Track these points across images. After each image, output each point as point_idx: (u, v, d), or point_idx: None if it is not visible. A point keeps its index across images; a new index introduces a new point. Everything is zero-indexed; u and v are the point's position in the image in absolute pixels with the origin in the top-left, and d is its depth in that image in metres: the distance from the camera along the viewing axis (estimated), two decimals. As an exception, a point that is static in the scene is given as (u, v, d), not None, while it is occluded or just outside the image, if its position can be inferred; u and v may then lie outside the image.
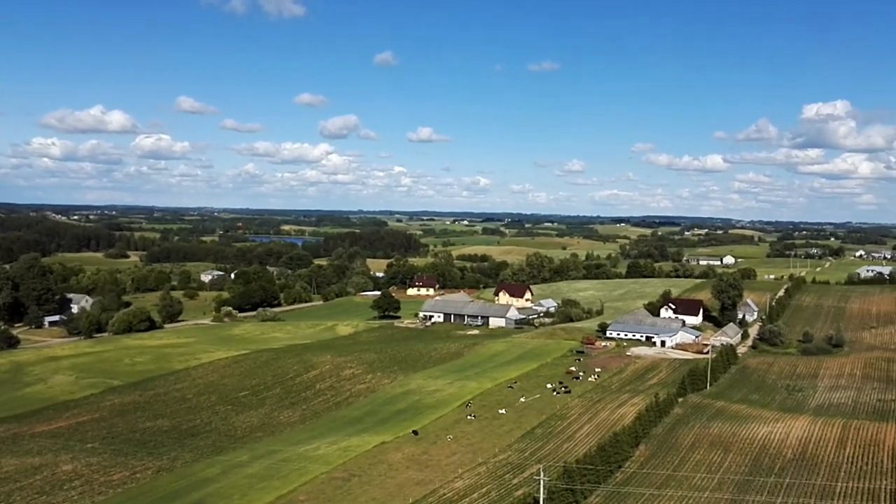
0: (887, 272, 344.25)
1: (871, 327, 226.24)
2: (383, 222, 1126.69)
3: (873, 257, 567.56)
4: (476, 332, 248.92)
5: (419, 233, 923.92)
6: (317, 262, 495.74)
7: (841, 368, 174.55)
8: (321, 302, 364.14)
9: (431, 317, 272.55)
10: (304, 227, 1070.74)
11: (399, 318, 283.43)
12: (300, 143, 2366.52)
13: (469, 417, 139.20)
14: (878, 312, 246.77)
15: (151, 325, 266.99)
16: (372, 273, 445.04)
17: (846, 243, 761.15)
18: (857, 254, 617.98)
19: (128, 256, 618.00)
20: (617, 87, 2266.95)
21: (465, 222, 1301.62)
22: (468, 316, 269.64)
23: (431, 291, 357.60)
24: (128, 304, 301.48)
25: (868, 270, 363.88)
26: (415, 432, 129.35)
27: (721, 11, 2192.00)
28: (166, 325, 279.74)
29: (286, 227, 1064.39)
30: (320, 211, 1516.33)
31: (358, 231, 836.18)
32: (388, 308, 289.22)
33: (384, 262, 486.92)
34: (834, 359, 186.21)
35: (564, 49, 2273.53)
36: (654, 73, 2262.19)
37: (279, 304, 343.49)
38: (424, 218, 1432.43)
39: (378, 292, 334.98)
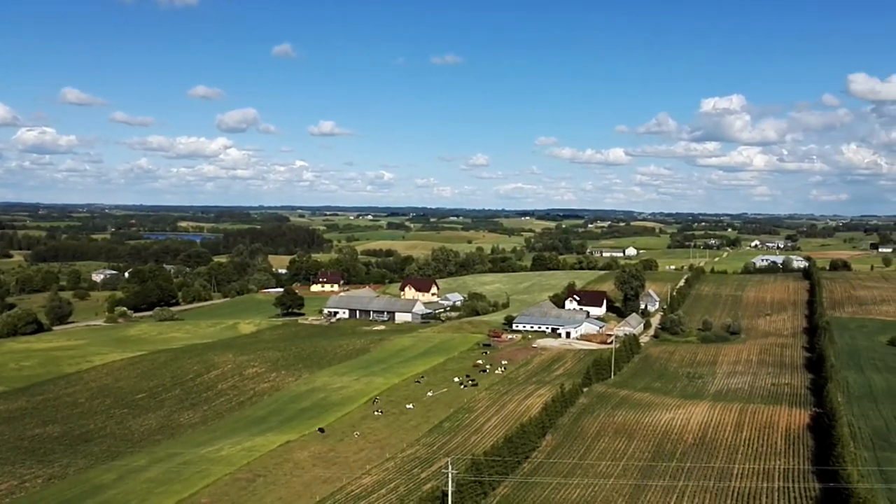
0: (780, 261, 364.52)
1: (765, 315, 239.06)
2: (285, 218, 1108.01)
3: (767, 247, 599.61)
4: (382, 327, 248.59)
5: (322, 228, 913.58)
6: (216, 259, 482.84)
7: (738, 355, 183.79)
8: (222, 300, 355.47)
9: (336, 313, 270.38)
10: (202, 224, 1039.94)
11: (303, 314, 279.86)
12: (196, 137, 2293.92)
13: (376, 413, 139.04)
14: (773, 300, 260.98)
15: (39, 328, 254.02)
16: (274, 270, 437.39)
17: (742, 234, 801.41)
18: (753, 244, 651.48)
19: (11, 256, 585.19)
20: (520, 81, 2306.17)
21: (370, 217, 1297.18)
22: (374, 311, 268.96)
23: (336, 287, 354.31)
24: (12, 306, 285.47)
25: (763, 260, 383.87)
26: (321, 430, 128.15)
27: (620, 5, 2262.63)
28: (55, 328, 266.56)
29: (183, 224, 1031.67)
30: (219, 207, 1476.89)
31: (259, 227, 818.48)
32: (291, 305, 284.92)
33: (287, 259, 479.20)
34: (732, 346, 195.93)
35: (467, 42, 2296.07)
36: (556, 66, 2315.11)
37: (177, 304, 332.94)
38: (328, 213, 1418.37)
39: (281, 289, 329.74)
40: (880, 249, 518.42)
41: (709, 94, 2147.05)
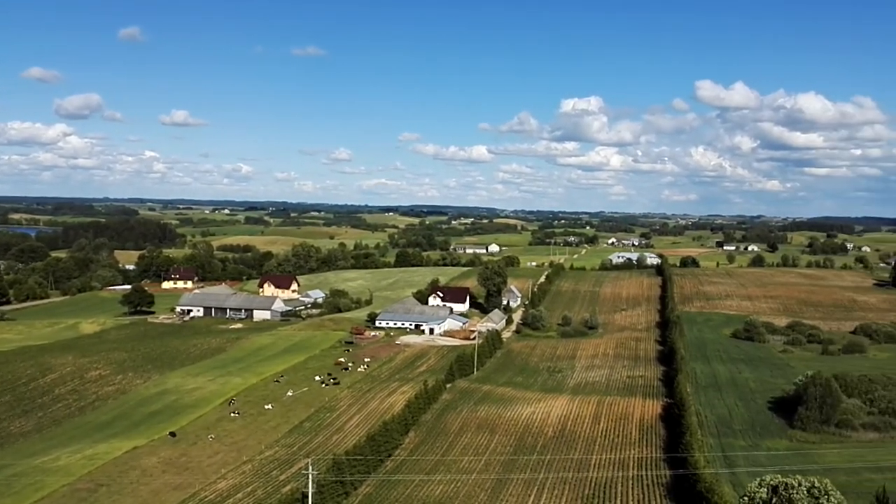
0: (635, 258, 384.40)
1: (621, 310, 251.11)
2: (133, 211, 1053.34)
3: (623, 244, 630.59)
4: (239, 325, 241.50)
5: (175, 222, 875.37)
6: (54, 254, 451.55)
7: (596, 349, 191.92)
8: (61, 298, 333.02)
9: (190, 311, 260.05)
10: (38, 216, 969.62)
11: (153, 313, 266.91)
12: (31, 123, 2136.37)
13: (233, 415, 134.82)
14: (628, 296, 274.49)
15: None
16: (121, 266, 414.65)
17: (600, 231, 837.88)
18: (610, 241, 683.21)
19: None
20: (383, 76, 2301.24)
21: (227, 211, 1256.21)
22: (230, 309, 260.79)
23: (190, 284, 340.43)
24: None
25: (619, 257, 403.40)
26: (172, 434, 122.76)
27: (482, 3, 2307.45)
28: None
29: (16, 216, 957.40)
30: (58, 198, 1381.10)
31: (104, 220, 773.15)
32: (140, 303, 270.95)
33: (135, 254, 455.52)
34: (590, 340, 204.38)
35: (329, 34, 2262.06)
36: (419, 62, 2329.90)
37: (8, 302, 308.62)
38: (181, 206, 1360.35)
39: (129, 286, 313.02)
40: (725, 247, 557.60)
41: (568, 95, 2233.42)
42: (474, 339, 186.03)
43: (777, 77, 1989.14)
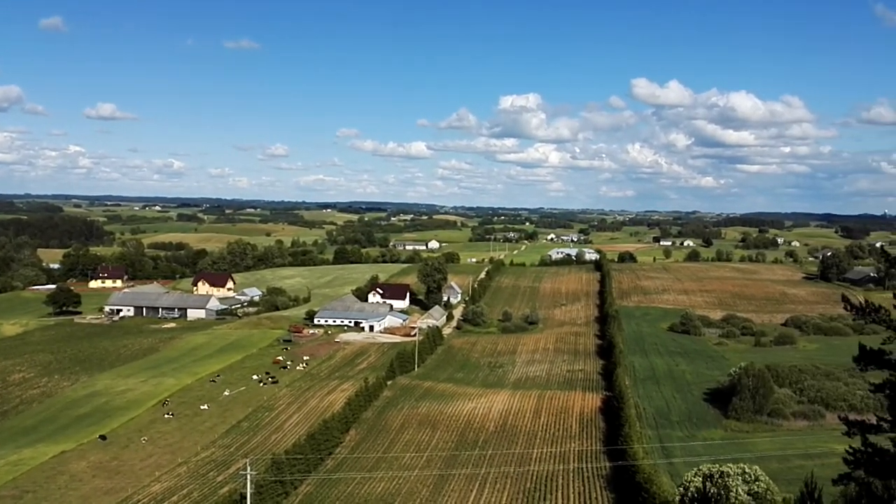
0: (574, 254, 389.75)
1: (561, 305, 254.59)
2: (58, 208, 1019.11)
3: (562, 240, 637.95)
4: (173, 325, 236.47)
5: (103, 219, 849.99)
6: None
7: (536, 344, 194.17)
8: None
9: (120, 311, 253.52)
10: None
11: (80, 313, 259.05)
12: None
13: (167, 416, 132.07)
14: (567, 291, 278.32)
15: None
16: (45, 264, 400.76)
17: (539, 227, 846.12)
18: (549, 237, 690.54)
19: None
20: (320, 71, 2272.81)
21: (158, 208, 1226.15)
22: (163, 308, 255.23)
23: (119, 283, 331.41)
24: None
25: (558, 253, 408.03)
26: (102, 437, 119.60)
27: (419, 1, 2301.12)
28: None
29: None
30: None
31: (26, 217, 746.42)
32: (66, 303, 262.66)
33: (60, 252, 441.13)
34: (530, 335, 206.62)
35: (264, 27, 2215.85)
36: (356, 57, 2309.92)
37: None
38: (109, 203, 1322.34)
39: (53, 286, 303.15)
40: (661, 242, 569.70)
41: (507, 92, 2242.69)
42: (415, 335, 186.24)
43: (710, 76, 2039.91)
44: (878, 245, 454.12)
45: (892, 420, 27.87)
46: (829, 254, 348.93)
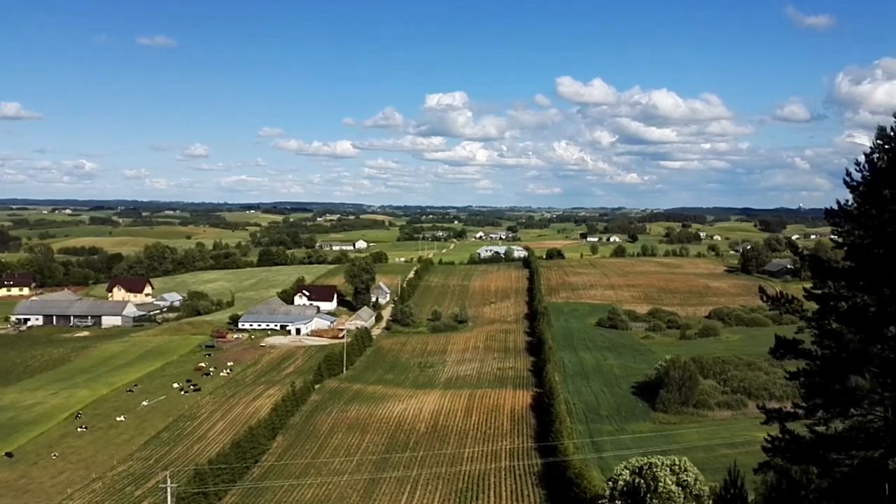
0: (503, 251, 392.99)
1: (490, 303, 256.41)
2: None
3: (491, 238, 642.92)
4: (86, 333, 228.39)
5: (8, 224, 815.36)
6: None
7: (466, 343, 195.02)
8: None
9: (27, 320, 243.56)
10: None
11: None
12: None
13: (80, 430, 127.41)
14: (496, 289, 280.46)
15: None
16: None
17: (468, 226, 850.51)
18: (478, 235, 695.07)
19: None
20: (240, 69, 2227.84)
21: (68, 211, 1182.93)
22: (75, 316, 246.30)
23: (27, 291, 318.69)
24: None
25: (487, 251, 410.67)
26: (8, 454, 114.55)
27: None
28: None
29: None
30: None
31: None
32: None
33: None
34: (460, 334, 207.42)
35: (180, 23, 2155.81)
36: (279, 55, 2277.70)
37: None
38: (14, 207, 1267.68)
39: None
40: (588, 239, 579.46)
41: (433, 90, 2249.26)
42: (343, 337, 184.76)
43: (632, 74, 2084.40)
44: (793, 238, 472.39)
45: (807, 407, 28.79)
46: (748, 247, 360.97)
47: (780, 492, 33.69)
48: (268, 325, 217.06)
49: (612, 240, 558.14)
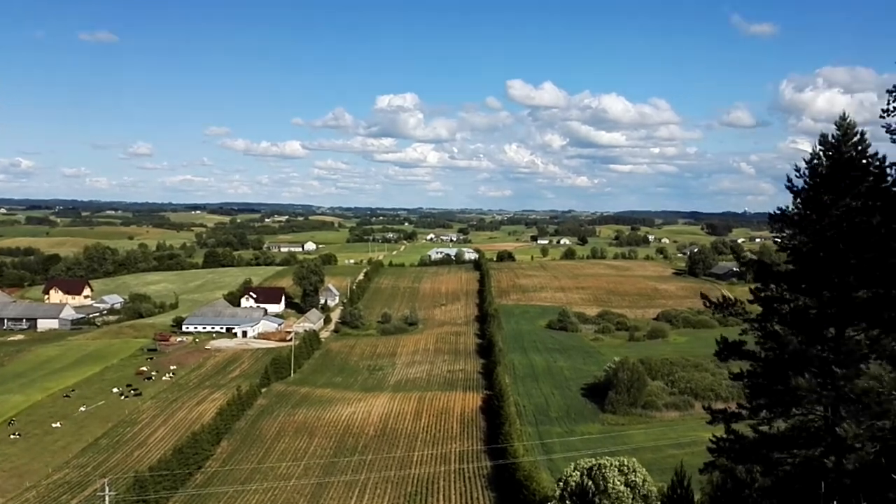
0: (454, 253, 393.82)
1: (441, 305, 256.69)
2: None
3: (442, 240, 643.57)
4: (21, 336, 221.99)
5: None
6: None
7: (416, 345, 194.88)
8: None
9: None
10: None
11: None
12: None
13: (13, 437, 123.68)
14: (447, 291, 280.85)
15: None
16: None
17: (419, 227, 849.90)
18: (429, 237, 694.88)
19: None
20: (186, 65, 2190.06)
21: (3, 211, 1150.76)
22: (9, 319, 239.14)
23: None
24: None
25: (438, 252, 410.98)
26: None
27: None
28: None
29: None
30: None
31: None
32: None
33: None
34: (410, 336, 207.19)
35: (122, 18, 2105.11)
36: (225, 52, 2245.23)
37: None
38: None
39: None
40: (539, 241, 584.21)
41: (384, 91, 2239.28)
42: (291, 340, 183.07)
43: (583, 78, 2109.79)
44: (739, 241, 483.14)
45: (751, 407, 29.40)
46: (695, 250, 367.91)
47: (726, 491, 34.35)
48: (213, 328, 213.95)
49: (562, 242, 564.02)
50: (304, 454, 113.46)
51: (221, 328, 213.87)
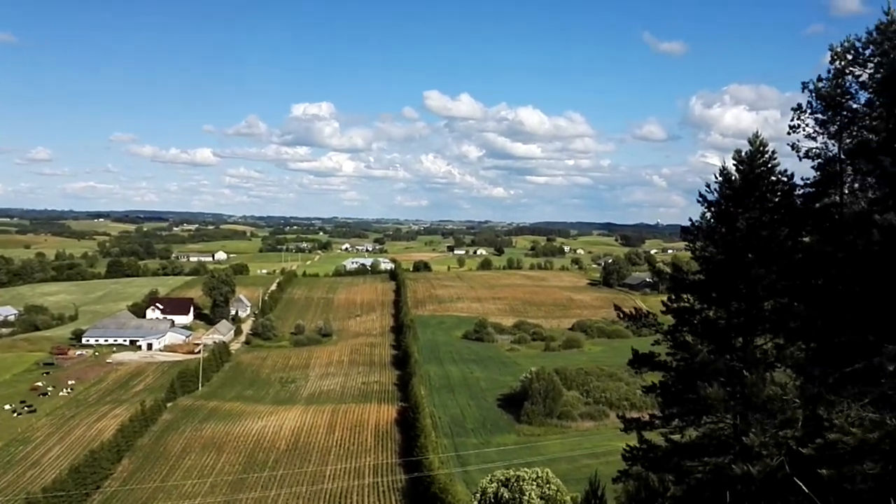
0: (369, 263, 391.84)
1: (356, 315, 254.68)
2: None
3: (357, 250, 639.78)
4: None
5: None
6: None
7: (330, 356, 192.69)
8: None
9: None
10: None
11: None
12: None
13: None
14: (362, 301, 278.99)
15: None
16: None
17: (333, 237, 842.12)
18: (344, 247, 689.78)
19: None
20: (89, 68, 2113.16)
21: None
22: None
23: None
24: None
25: (353, 262, 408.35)
26: None
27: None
28: None
29: None
30: None
31: None
32: None
33: None
34: (324, 348, 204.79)
35: (22, 19, 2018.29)
36: (132, 56, 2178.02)
37: None
38: None
39: None
40: (455, 251, 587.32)
41: (299, 100, 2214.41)
42: (199, 352, 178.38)
43: (499, 91, 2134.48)
44: (652, 252, 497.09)
45: (663, 416, 29.90)
46: (610, 261, 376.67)
47: (639, 500, 34.82)
48: (116, 341, 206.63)
49: (478, 253, 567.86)
50: (211, 471, 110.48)
51: (125, 341, 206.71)
